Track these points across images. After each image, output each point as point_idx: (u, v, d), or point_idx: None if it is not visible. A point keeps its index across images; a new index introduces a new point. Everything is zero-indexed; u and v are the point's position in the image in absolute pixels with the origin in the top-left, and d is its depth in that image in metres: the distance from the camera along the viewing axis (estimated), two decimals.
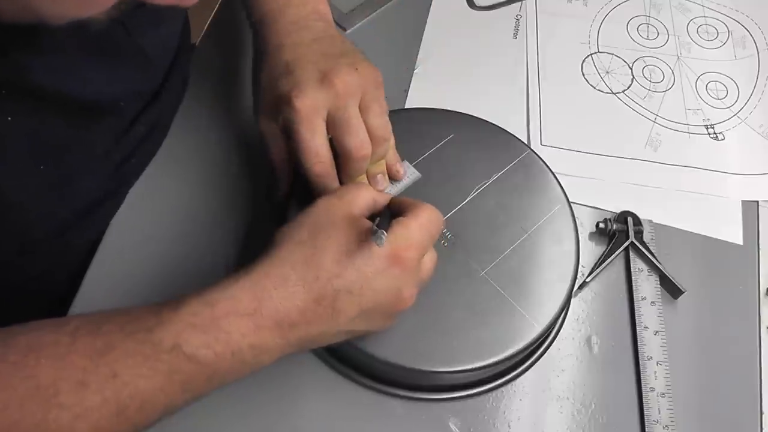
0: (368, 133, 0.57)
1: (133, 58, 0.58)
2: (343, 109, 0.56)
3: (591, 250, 0.67)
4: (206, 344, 0.45)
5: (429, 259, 0.53)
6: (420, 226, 0.50)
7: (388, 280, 0.49)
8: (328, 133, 0.57)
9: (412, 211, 0.51)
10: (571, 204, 0.64)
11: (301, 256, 0.48)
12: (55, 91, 0.50)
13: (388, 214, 0.52)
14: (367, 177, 0.60)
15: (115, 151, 0.61)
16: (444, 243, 0.61)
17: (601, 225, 0.67)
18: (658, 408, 0.59)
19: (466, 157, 0.65)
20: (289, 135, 0.57)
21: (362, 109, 0.57)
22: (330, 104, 0.56)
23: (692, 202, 0.72)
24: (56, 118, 0.51)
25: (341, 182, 0.59)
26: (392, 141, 0.61)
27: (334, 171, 0.58)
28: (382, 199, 0.54)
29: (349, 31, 0.79)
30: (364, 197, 0.53)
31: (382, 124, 0.58)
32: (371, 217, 0.52)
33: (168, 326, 0.45)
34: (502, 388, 0.60)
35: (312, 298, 0.47)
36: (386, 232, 0.48)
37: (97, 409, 0.43)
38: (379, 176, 0.61)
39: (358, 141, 0.57)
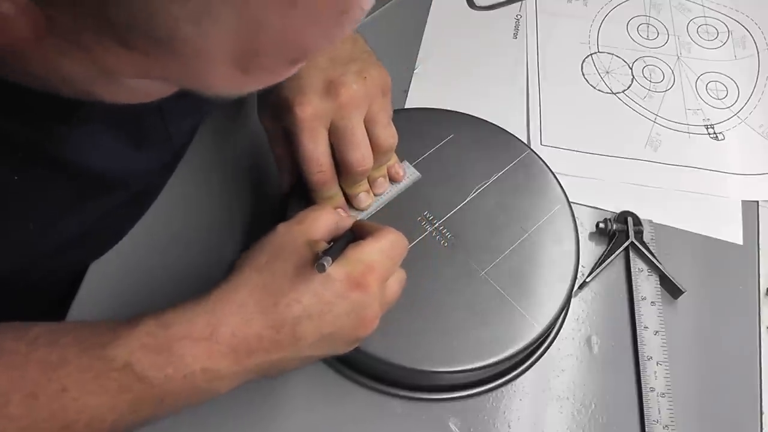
0: (374, 144, 0.57)
1: (158, 143, 0.57)
2: (347, 119, 0.55)
3: (591, 250, 0.67)
4: (157, 365, 0.44)
5: (395, 282, 0.51)
6: (380, 249, 0.49)
7: (349, 304, 0.47)
8: (330, 141, 0.57)
9: (372, 235, 0.50)
10: (571, 204, 0.64)
11: (260, 282, 0.47)
12: (76, 163, 0.49)
13: (347, 238, 0.50)
14: (368, 180, 0.60)
15: (111, 211, 0.60)
16: (444, 243, 0.61)
17: (601, 225, 0.67)
18: (658, 408, 0.59)
19: (466, 157, 0.65)
20: (291, 139, 0.57)
21: (369, 120, 0.57)
22: (334, 114, 0.55)
23: (692, 202, 0.72)
24: (66, 187, 0.50)
25: (341, 187, 0.59)
26: None
27: (335, 178, 0.58)
28: (345, 223, 0.53)
29: None
30: (324, 221, 0.51)
31: (388, 135, 0.58)
32: (332, 241, 0.51)
33: (122, 344, 0.44)
34: (502, 388, 0.60)
35: (270, 324, 0.46)
36: (337, 257, 0.46)
37: (45, 422, 0.43)
38: (380, 179, 0.61)
39: (359, 155, 0.56)
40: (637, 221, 0.67)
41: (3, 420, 0.42)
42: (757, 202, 0.72)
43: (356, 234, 0.51)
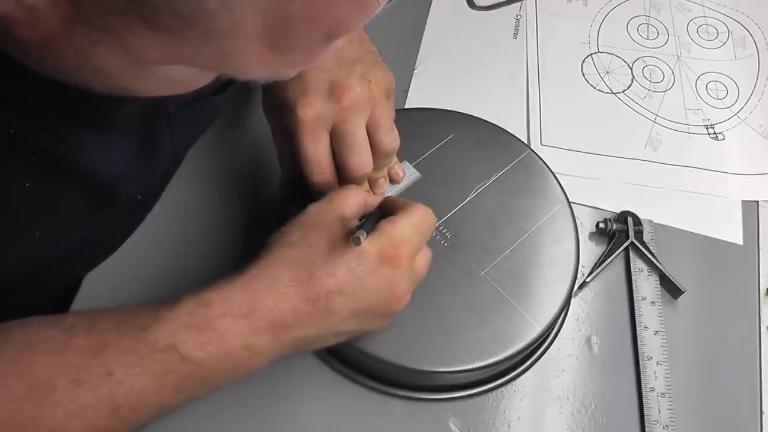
0: (376, 148, 0.57)
1: (164, 151, 0.56)
2: (349, 123, 0.55)
3: (591, 250, 0.67)
4: (201, 345, 0.45)
5: (423, 258, 0.52)
6: (410, 224, 0.50)
7: (380, 278, 0.49)
8: (330, 143, 0.56)
9: (403, 210, 0.51)
10: (571, 204, 0.64)
11: (294, 256, 0.48)
12: (88, 170, 0.48)
13: (378, 215, 0.52)
14: (368, 181, 0.60)
15: (115, 220, 0.59)
16: (444, 243, 0.61)
17: (601, 225, 0.67)
18: (658, 408, 0.59)
19: (466, 157, 0.65)
20: (292, 138, 0.57)
21: (371, 123, 0.57)
22: (336, 117, 0.55)
23: (692, 202, 0.72)
24: (77, 196, 0.50)
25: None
26: None
27: (335, 179, 0.57)
28: (373, 201, 0.54)
29: None
30: (354, 199, 0.52)
31: (390, 139, 0.58)
32: (363, 218, 0.53)
33: (163, 325, 0.45)
34: (502, 388, 0.60)
35: (305, 298, 0.47)
36: (370, 232, 0.48)
37: (92, 407, 0.43)
38: (380, 180, 0.61)
39: (359, 159, 0.56)
40: (637, 221, 0.67)
41: (49, 406, 0.42)
42: (757, 202, 0.72)
43: (385, 211, 0.52)
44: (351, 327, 0.50)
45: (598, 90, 0.79)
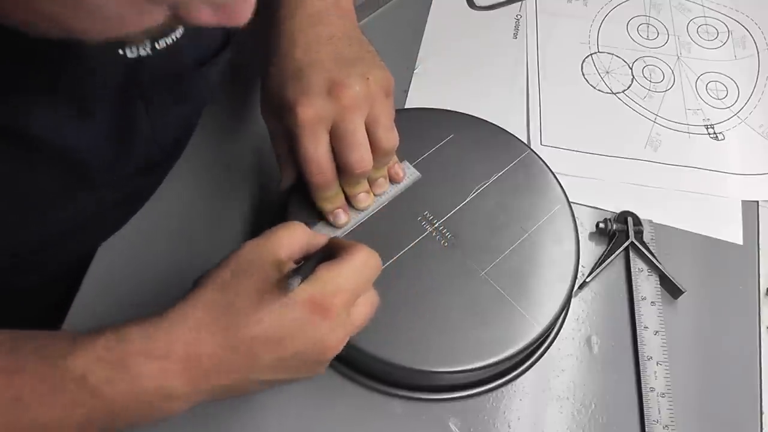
0: (375, 146, 0.57)
1: (143, 137, 0.55)
2: (348, 122, 0.55)
3: (591, 250, 0.67)
4: (111, 380, 0.43)
5: (365, 303, 0.49)
6: (352, 269, 0.47)
7: (309, 329, 0.46)
8: (330, 142, 0.56)
9: (346, 253, 0.47)
10: (571, 204, 0.64)
11: (220, 300, 0.45)
12: (54, 144, 0.47)
13: (319, 257, 0.48)
14: (368, 181, 0.60)
15: (101, 210, 0.58)
16: (444, 243, 0.61)
17: (601, 225, 0.67)
18: (658, 408, 0.59)
19: (466, 157, 0.65)
20: (292, 139, 0.57)
21: (370, 122, 0.56)
22: (336, 116, 0.55)
23: (692, 202, 0.72)
24: (47, 174, 0.48)
25: (342, 188, 0.59)
26: None
27: (336, 179, 0.58)
28: (317, 241, 0.50)
29: None
30: (294, 239, 0.49)
31: (390, 137, 0.57)
32: (303, 260, 0.49)
33: (81, 355, 0.43)
34: (502, 388, 0.60)
35: (227, 345, 0.45)
36: (308, 277, 0.45)
37: None
38: (380, 180, 0.61)
39: (359, 156, 0.56)
40: (637, 221, 0.67)
41: None
42: (757, 202, 0.72)
43: (330, 252, 0.49)
44: (276, 376, 0.47)
45: (598, 90, 0.79)
